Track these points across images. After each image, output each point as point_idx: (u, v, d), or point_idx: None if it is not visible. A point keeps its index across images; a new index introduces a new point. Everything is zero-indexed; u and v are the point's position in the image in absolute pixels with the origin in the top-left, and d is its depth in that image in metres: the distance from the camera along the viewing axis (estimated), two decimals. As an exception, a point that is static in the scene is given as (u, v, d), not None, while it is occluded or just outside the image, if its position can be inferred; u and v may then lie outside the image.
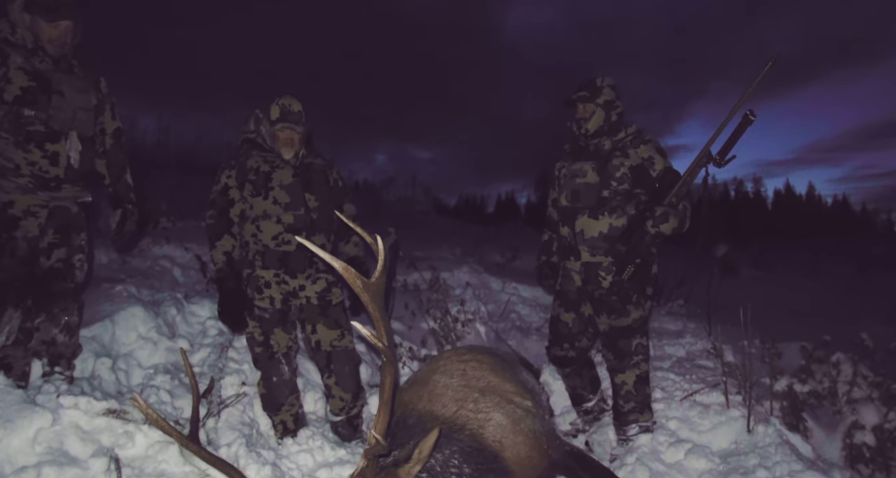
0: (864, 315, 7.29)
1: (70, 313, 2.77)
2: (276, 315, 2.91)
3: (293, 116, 2.87)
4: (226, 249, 2.90)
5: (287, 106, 2.88)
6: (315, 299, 2.95)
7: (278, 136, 2.88)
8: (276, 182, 2.87)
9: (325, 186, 3.01)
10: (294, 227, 2.85)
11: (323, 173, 3.03)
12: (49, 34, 2.59)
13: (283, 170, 2.90)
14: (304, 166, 2.96)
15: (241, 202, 2.91)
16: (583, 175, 2.94)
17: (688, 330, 5.14)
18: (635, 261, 2.85)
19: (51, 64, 2.63)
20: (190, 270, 5.14)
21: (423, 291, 4.88)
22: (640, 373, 2.97)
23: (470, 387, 2.58)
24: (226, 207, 2.92)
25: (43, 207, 2.66)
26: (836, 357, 3.49)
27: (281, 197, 2.86)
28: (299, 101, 2.94)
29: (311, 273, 2.94)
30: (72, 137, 2.67)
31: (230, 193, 2.92)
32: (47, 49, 2.61)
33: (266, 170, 2.89)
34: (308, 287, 2.95)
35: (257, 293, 2.89)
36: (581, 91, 2.95)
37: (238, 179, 2.90)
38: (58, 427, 2.23)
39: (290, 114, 2.87)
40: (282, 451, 2.65)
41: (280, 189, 2.86)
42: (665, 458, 2.82)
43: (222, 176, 2.93)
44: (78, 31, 2.70)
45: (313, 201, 2.92)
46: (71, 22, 2.63)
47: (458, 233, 11.76)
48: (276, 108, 2.89)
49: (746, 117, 2.64)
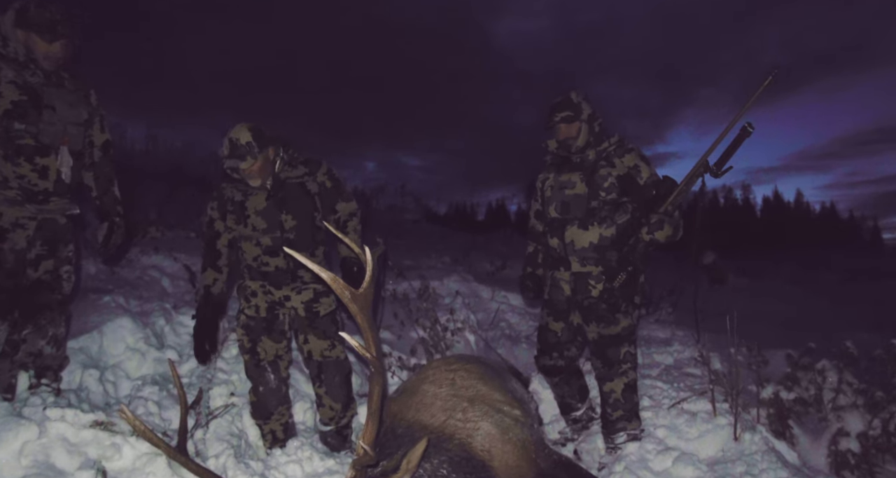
0: (850, 323, 7.37)
1: (57, 325, 2.75)
2: (262, 323, 2.91)
3: (239, 151, 2.68)
4: (206, 283, 2.92)
5: (235, 140, 2.70)
6: (302, 311, 2.95)
7: (239, 169, 2.77)
8: (251, 209, 2.85)
9: (303, 200, 2.91)
10: (271, 248, 2.86)
11: (300, 187, 2.91)
12: (45, 51, 2.59)
13: (255, 196, 2.86)
14: (278, 186, 2.88)
15: (226, 233, 2.92)
16: (571, 186, 2.96)
17: (676, 338, 5.18)
18: (627, 268, 2.88)
19: (42, 78, 2.63)
20: (179, 280, 5.12)
21: (412, 300, 4.88)
22: (628, 381, 2.99)
23: (459, 396, 2.59)
24: (212, 239, 2.93)
25: (31, 220, 2.65)
26: (822, 364, 3.53)
27: (258, 223, 2.85)
28: (250, 128, 2.72)
29: (296, 286, 2.94)
30: (63, 152, 2.67)
31: (215, 226, 2.92)
32: (41, 64, 2.61)
33: (240, 199, 2.87)
34: (293, 298, 2.94)
35: (245, 302, 2.92)
36: (563, 112, 2.95)
37: (220, 211, 2.90)
38: (44, 440, 2.22)
39: (236, 148, 2.69)
40: (270, 462, 2.64)
41: (255, 216, 2.85)
42: (653, 466, 2.84)
43: (208, 208, 2.94)
44: (73, 46, 2.69)
45: (290, 221, 2.87)
46: (67, 39, 2.63)
47: (448, 241, 11.78)
48: (225, 143, 2.73)
49: (745, 129, 2.68)
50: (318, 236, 2.97)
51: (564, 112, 2.94)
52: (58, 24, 2.57)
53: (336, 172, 3.05)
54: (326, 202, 2.99)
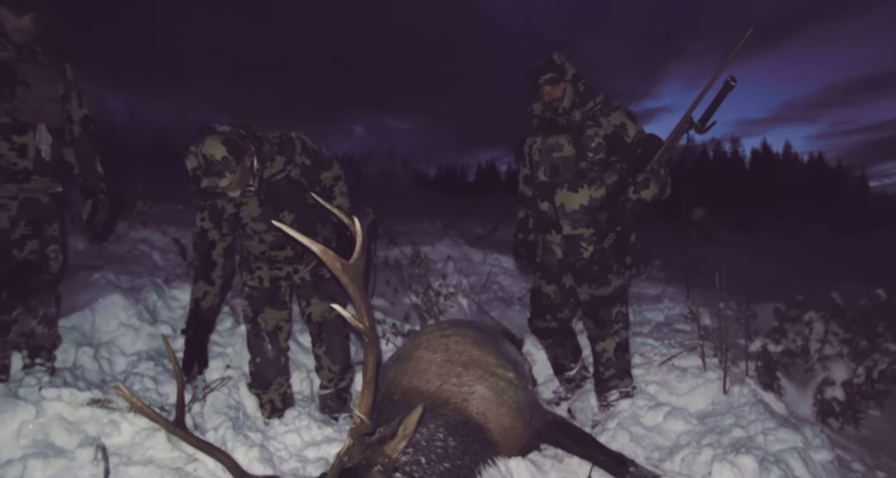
0: (839, 274, 7.47)
1: (47, 305, 2.75)
2: (265, 293, 2.92)
3: (216, 167, 2.42)
4: (196, 297, 2.83)
5: (209, 156, 2.41)
6: (309, 276, 2.98)
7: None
8: (247, 218, 2.78)
9: (293, 191, 2.82)
10: (277, 244, 2.84)
11: (287, 180, 2.80)
12: (15, 24, 2.52)
13: (247, 205, 2.76)
14: (265, 186, 2.74)
15: (222, 242, 2.83)
16: (559, 149, 2.94)
17: (666, 295, 5.24)
18: (616, 228, 2.88)
19: (14, 52, 2.56)
20: (169, 253, 5.11)
21: (404, 266, 4.89)
22: (620, 341, 3.03)
23: (453, 361, 2.61)
24: (206, 250, 2.82)
25: (13, 199, 2.61)
26: (809, 316, 3.60)
27: (257, 228, 2.80)
28: (224, 140, 2.43)
29: (305, 260, 2.95)
30: (41, 129, 2.61)
31: (209, 235, 2.81)
32: (12, 38, 2.54)
33: (232, 211, 2.77)
34: (301, 269, 2.97)
35: (249, 274, 2.92)
36: (546, 73, 2.90)
37: (213, 221, 2.78)
38: (42, 419, 2.24)
39: (212, 165, 2.42)
40: (269, 432, 2.67)
41: (253, 222, 2.79)
42: (645, 421, 2.90)
43: (196, 219, 2.81)
44: (44, 20, 2.62)
45: (288, 216, 2.80)
46: (37, 13, 2.56)
47: (439, 205, 11.77)
48: (192, 160, 2.44)
49: (727, 84, 2.65)
50: (314, 214, 2.94)
51: (548, 74, 2.90)
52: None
53: (310, 142, 2.88)
54: (310, 177, 2.88)
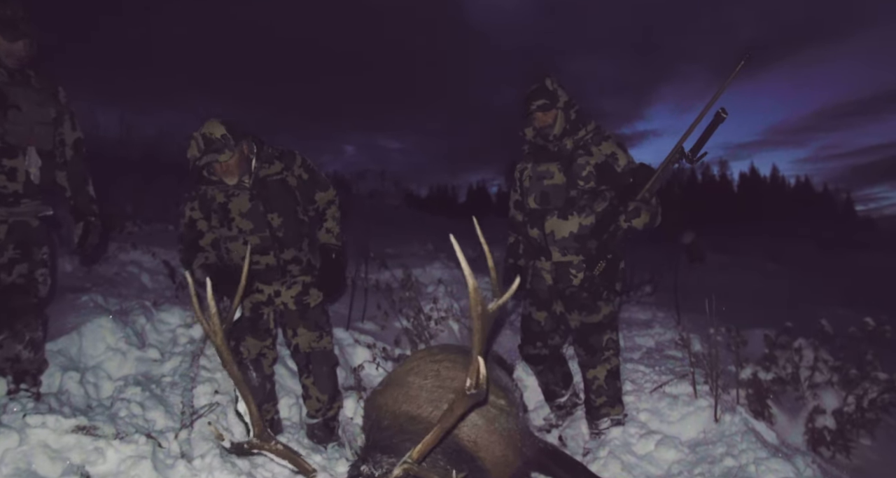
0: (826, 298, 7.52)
1: (34, 329, 2.71)
2: (246, 322, 2.91)
3: (215, 145, 2.64)
4: (200, 263, 2.82)
5: (208, 135, 2.65)
6: (293, 304, 2.95)
7: (213, 166, 2.73)
8: (235, 211, 2.80)
9: (286, 196, 2.88)
10: (261, 247, 2.82)
11: (281, 183, 2.88)
12: (8, 49, 2.54)
13: (238, 197, 2.81)
14: (259, 184, 2.83)
15: (209, 232, 2.86)
16: (549, 176, 2.96)
17: (657, 320, 5.25)
18: (606, 256, 2.90)
19: (6, 76, 2.57)
20: (158, 275, 5.06)
21: (395, 289, 4.88)
22: (610, 368, 3.03)
23: (444, 388, 2.59)
24: (194, 239, 2.85)
25: (2, 223, 2.60)
26: (798, 343, 3.61)
27: (244, 225, 2.81)
28: (223, 122, 2.68)
29: (285, 280, 2.93)
30: (30, 152, 2.61)
31: (198, 225, 2.85)
32: (4, 62, 2.55)
33: (222, 201, 2.81)
34: (283, 293, 2.94)
35: None
36: (538, 99, 2.92)
37: (203, 211, 2.83)
38: (25, 447, 2.20)
39: (212, 142, 2.64)
40: (256, 460, 2.63)
41: (241, 218, 2.80)
42: (636, 450, 2.89)
43: (186, 209, 2.85)
44: (35, 43, 2.64)
45: (276, 219, 2.84)
46: (29, 38, 2.58)
47: (430, 227, 11.76)
48: (193, 147, 2.68)
49: (718, 115, 2.68)
50: (304, 229, 2.96)
51: (540, 100, 2.92)
52: (19, 21, 2.53)
53: (310, 161, 3.01)
54: (305, 194, 2.97)
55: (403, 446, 2.22)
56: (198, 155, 2.66)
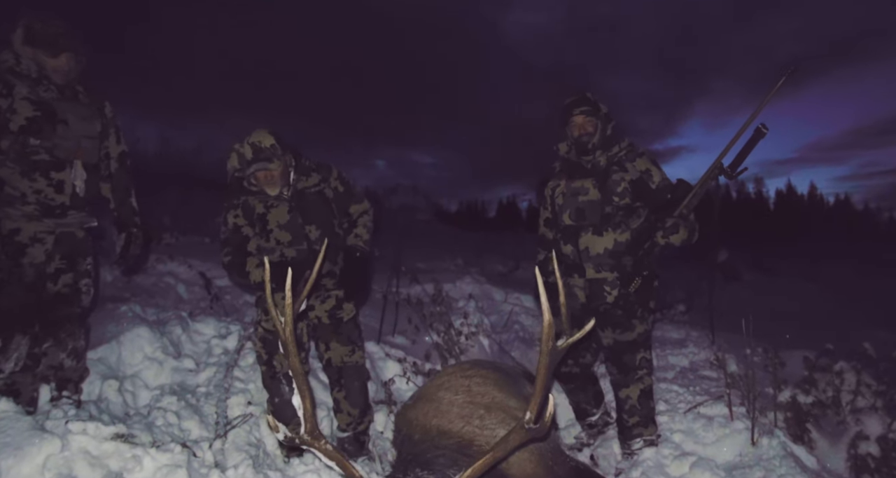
0: (866, 320, 7.30)
1: (77, 338, 2.79)
2: (280, 336, 2.93)
3: (265, 153, 2.72)
4: (256, 264, 2.82)
5: (257, 144, 2.73)
6: (326, 318, 2.98)
7: (257, 176, 2.78)
8: (273, 223, 2.85)
9: (324, 209, 2.93)
10: (297, 260, 2.85)
11: (319, 195, 2.94)
12: (53, 65, 2.64)
13: (277, 208, 2.85)
14: (298, 195, 2.88)
15: (255, 238, 2.89)
16: (584, 193, 2.95)
17: (691, 339, 5.15)
18: (642, 273, 2.87)
19: (56, 92, 2.67)
20: (194, 286, 5.16)
21: (426, 304, 4.89)
22: (644, 387, 2.98)
23: (475, 404, 2.59)
24: (241, 244, 2.87)
25: (49, 234, 2.69)
26: (839, 366, 3.51)
27: (282, 237, 2.85)
28: (271, 132, 2.78)
29: (319, 294, 2.96)
30: (76, 166, 2.70)
31: (243, 231, 2.87)
32: (52, 78, 2.65)
33: (261, 212, 2.86)
34: (317, 307, 2.98)
35: (264, 314, 2.91)
36: (582, 105, 2.93)
37: (247, 218, 2.87)
38: (67, 453, 2.24)
39: (261, 152, 2.72)
40: (288, 471, 2.66)
41: (279, 229, 2.85)
42: (670, 471, 2.83)
43: (229, 217, 2.88)
44: (81, 58, 2.74)
45: (314, 231, 2.88)
46: (71, 52, 2.68)
47: (460, 242, 11.80)
48: (247, 149, 2.74)
49: (759, 130, 2.66)
50: (339, 242, 2.99)
51: (584, 106, 2.94)
52: (59, 37, 2.63)
53: (346, 174, 3.07)
54: (341, 207, 3.03)
55: (437, 461, 2.22)
56: (238, 166, 2.73)
